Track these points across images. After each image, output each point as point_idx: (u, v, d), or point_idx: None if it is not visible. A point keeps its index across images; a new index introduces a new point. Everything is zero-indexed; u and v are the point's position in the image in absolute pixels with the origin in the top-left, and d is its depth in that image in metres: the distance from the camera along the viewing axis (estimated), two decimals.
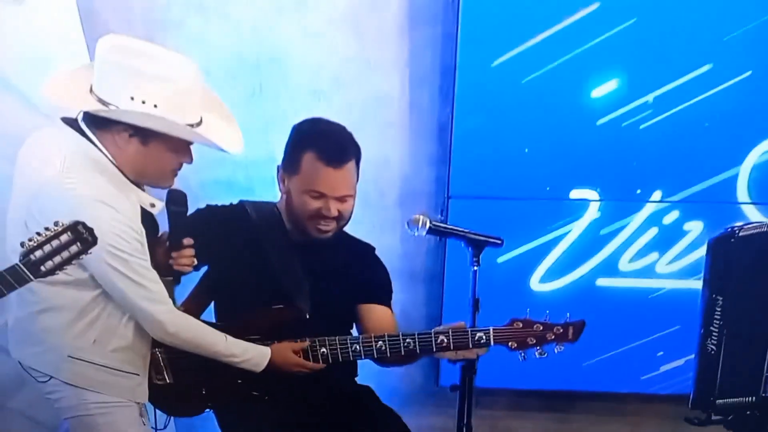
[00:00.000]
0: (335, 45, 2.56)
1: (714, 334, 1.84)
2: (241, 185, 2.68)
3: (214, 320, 2.29)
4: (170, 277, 2.02)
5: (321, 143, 2.07)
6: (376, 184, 2.67)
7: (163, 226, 2.03)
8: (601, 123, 2.55)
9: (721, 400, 1.88)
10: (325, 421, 2.24)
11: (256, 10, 2.51)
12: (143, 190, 1.93)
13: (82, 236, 1.60)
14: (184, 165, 1.95)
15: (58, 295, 1.86)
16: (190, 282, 2.20)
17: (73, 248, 1.60)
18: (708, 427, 1.94)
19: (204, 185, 2.50)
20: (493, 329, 2.04)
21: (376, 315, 2.24)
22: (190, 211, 2.06)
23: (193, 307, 2.26)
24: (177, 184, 1.97)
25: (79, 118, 1.85)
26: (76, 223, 1.59)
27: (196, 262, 2.03)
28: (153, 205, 1.91)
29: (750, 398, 1.88)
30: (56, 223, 1.59)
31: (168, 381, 2.12)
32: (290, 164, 2.12)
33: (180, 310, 2.07)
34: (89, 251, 1.63)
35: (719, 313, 1.82)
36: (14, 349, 2.02)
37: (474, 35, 2.41)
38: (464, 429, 2.00)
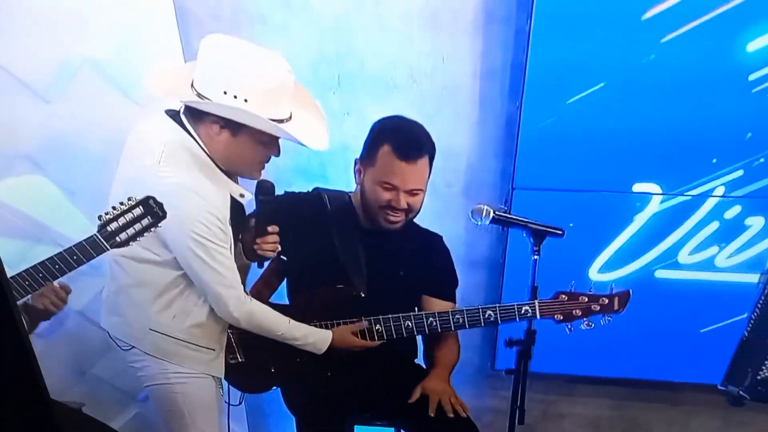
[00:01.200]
0: (411, 39, 2.59)
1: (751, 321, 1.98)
2: (315, 172, 2.75)
3: (286, 298, 2.41)
4: (255, 261, 2.13)
5: (398, 138, 2.15)
6: (443, 174, 2.71)
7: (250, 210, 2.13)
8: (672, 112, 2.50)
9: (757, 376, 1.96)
10: (385, 398, 2.34)
11: (336, 4, 2.56)
12: (236, 181, 2.02)
13: (153, 210, 1.70)
14: None
15: (144, 272, 1.98)
16: None
17: (145, 221, 1.71)
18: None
19: (281, 171, 2.58)
20: (539, 302, 2.08)
21: (438, 308, 2.31)
22: None
23: (264, 287, 2.38)
24: None
25: (181, 110, 1.95)
26: (147, 198, 1.69)
27: (279, 249, 2.12)
28: (242, 196, 2.00)
29: None
30: (129, 198, 1.70)
31: (240, 360, 2.24)
32: (368, 157, 2.21)
33: (250, 291, 2.16)
34: (159, 224, 1.72)
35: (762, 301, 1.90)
36: (104, 319, 2.15)
37: (545, 33, 2.41)
38: (518, 411, 2.04)
